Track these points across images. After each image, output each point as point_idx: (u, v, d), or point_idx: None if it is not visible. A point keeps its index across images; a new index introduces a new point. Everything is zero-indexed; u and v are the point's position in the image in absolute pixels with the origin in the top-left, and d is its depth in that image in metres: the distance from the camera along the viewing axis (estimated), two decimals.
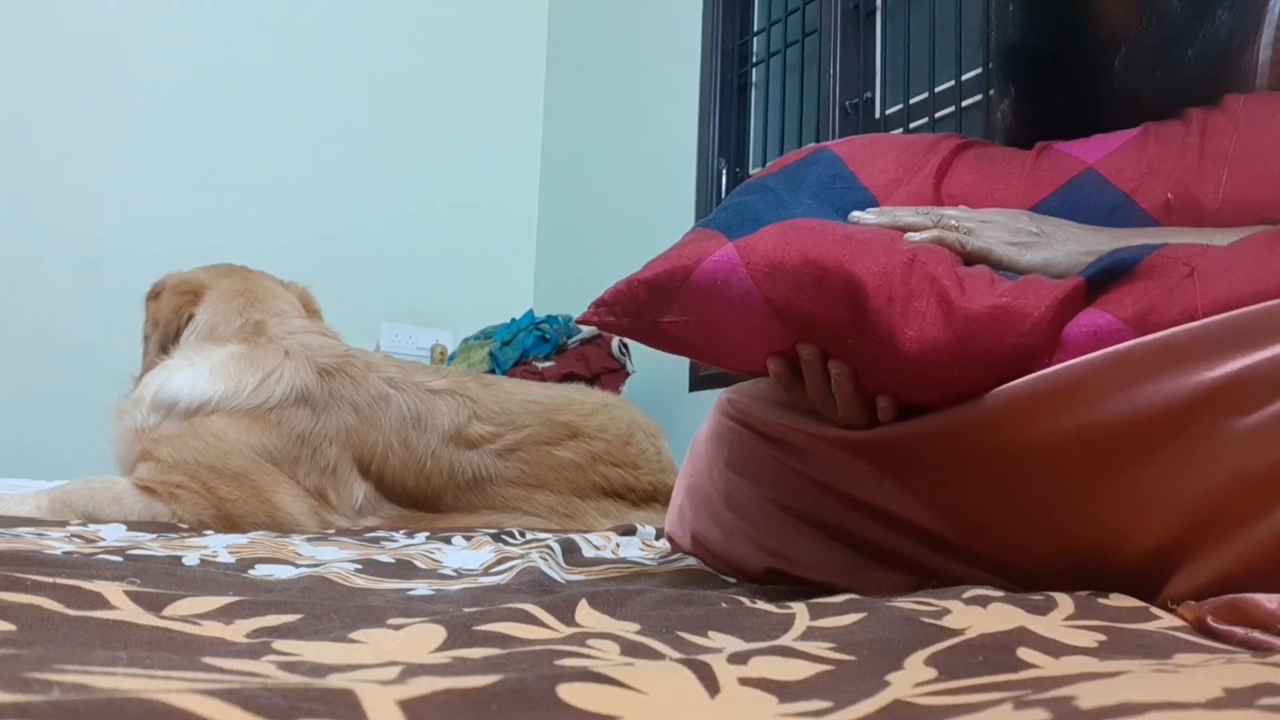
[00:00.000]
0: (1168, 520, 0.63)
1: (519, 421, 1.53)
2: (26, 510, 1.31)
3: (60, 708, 0.27)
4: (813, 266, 0.68)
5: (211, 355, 1.48)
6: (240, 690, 0.31)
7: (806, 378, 0.74)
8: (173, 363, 1.50)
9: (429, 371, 1.57)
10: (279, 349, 1.48)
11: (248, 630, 0.49)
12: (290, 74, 3.22)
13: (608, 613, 0.58)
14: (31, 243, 2.81)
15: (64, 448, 2.57)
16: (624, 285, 0.77)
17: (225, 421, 1.39)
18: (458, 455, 1.48)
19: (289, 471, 1.40)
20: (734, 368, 0.79)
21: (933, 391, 0.70)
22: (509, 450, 1.51)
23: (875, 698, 0.40)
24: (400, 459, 1.46)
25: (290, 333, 1.53)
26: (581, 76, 3.56)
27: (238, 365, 1.45)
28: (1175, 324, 0.64)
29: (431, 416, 1.49)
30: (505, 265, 3.58)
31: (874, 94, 2.47)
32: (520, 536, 1.31)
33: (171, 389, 1.44)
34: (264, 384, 1.43)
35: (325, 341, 1.54)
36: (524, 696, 0.35)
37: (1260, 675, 0.38)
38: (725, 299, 0.70)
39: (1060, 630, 0.52)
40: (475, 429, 1.51)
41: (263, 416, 1.40)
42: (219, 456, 1.36)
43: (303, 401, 1.43)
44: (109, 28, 2.95)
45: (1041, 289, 0.68)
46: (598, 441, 1.57)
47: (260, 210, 3.11)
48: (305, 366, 1.46)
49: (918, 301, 0.67)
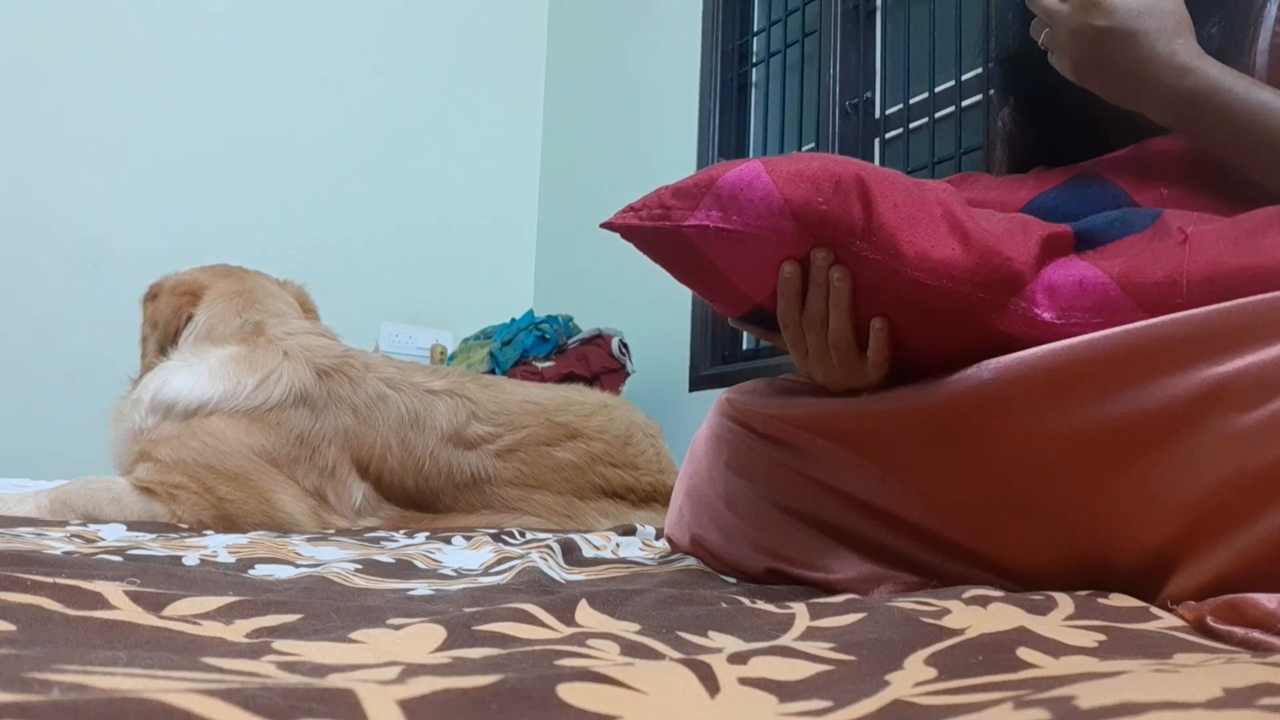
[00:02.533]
0: (1170, 519, 0.63)
1: (518, 422, 1.53)
2: (26, 510, 1.31)
3: (60, 707, 0.27)
4: (831, 174, 0.72)
5: (210, 356, 1.48)
6: (240, 690, 0.31)
7: (811, 293, 0.76)
8: (171, 364, 1.50)
9: (427, 372, 1.57)
10: (278, 350, 1.48)
11: (248, 630, 0.49)
12: (291, 76, 3.22)
13: (608, 613, 0.58)
14: (31, 244, 2.81)
15: (63, 448, 2.57)
16: (653, 194, 0.79)
17: (224, 422, 1.39)
18: (456, 456, 1.48)
19: (288, 472, 1.39)
20: (741, 290, 0.80)
21: (924, 319, 0.73)
22: (508, 451, 1.51)
23: (875, 697, 0.40)
24: (399, 459, 1.46)
25: (290, 333, 1.52)
26: (581, 76, 3.56)
27: (236, 366, 1.45)
28: (1161, 285, 0.67)
29: (430, 417, 1.49)
30: (505, 265, 3.58)
31: (874, 94, 2.47)
32: (520, 536, 1.31)
33: (170, 390, 1.43)
34: (263, 385, 1.42)
35: (324, 342, 1.54)
36: (524, 696, 0.35)
37: (1260, 675, 0.38)
38: (748, 200, 0.73)
39: (1060, 630, 0.52)
40: (474, 429, 1.51)
41: (261, 417, 1.40)
42: (218, 457, 1.36)
43: (301, 402, 1.43)
44: (109, 31, 2.95)
45: (1032, 229, 0.72)
46: (597, 442, 1.56)
47: (261, 212, 3.11)
48: (304, 367, 1.46)
49: (922, 214, 0.72)
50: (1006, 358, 0.70)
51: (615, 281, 3.17)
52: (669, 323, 2.86)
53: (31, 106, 2.84)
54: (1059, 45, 0.85)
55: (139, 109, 2.97)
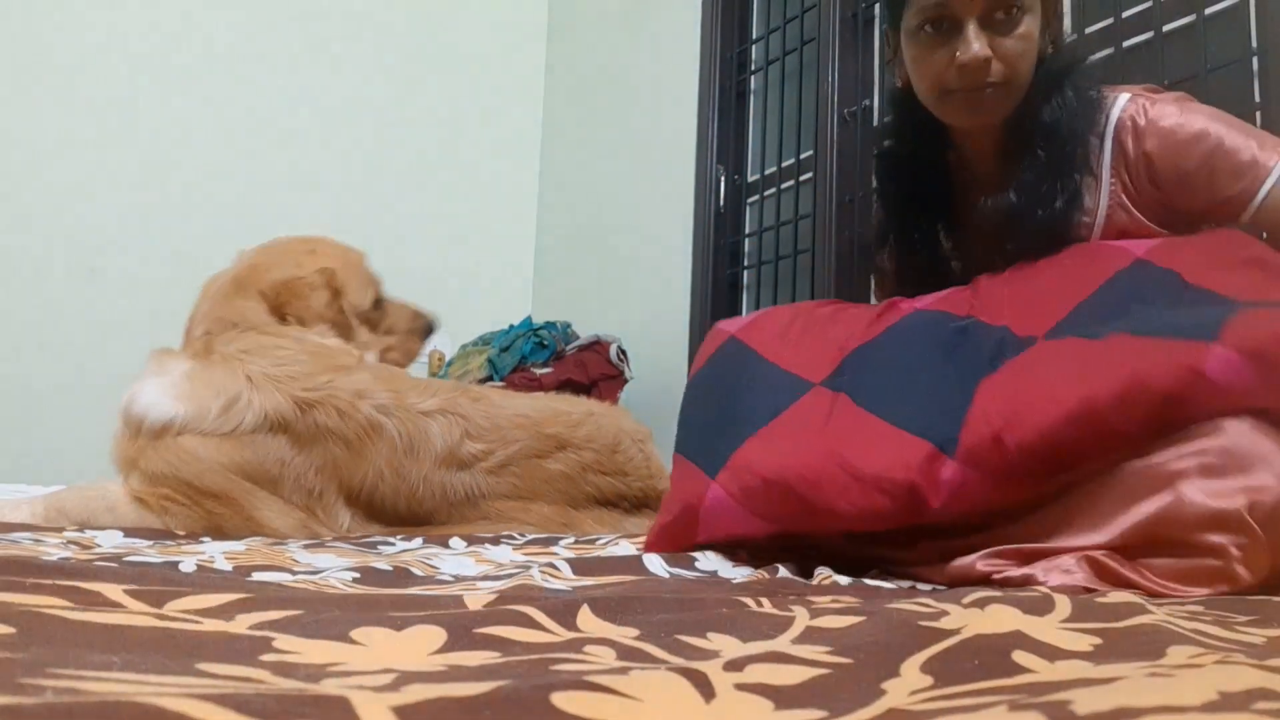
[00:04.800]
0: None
1: (509, 436, 1.49)
2: (21, 517, 1.30)
3: (54, 710, 0.27)
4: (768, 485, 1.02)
5: (174, 368, 1.41)
6: (234, 695, 0.31)
7: None
8: (148, 367, 1.44)
9: (419, 389, 1.50)
10: (237, 372, 1.38)
11: (250, 624, 0.49)
12: (289, 82, 3.22)
13: (608, 618, 0.58)
14: (29, 248, 2.81)
15: (63, 453, 2.57)
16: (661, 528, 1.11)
17: (196, 441, 1.34)
18: (450, 477, 1.44)
19: (270, 489, 1.35)
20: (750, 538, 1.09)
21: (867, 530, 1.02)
22: (500, 466, 1.47)
23: (871, 706, 0.40)
24: (391, 486, 1.41)
25: (245, 351, 1.42)
26: (580, 82, 3.57)
27: (192, 385, 1.37)
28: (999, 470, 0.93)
29: (424, 441, 1.43)
30: (504, 272, 3.58)
31: (872, 102, 2.47)
32: (520, 537, 1.31)
33: (140, 405, 1.38)
34: (231, 410, 1.35)
35: (299, 369, 1.41)
36: (518, 704, 0.35)
37: (1255, 679, 0.38)
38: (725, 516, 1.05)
39: (1056, 634, 0.52)
40: (467, 448, 1.46)
41: (236, 439, 1.34)
42: (195, 475, 1.33)
43: (280, 429, 1.37)
44: (109, 34, 2.96)
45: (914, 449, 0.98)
46: (586, 452, 1.53)
47: (258, 217, 3.11)
48: (277, 396, 1.37)
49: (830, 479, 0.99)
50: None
51: (613, 288, 3.18)
52: (667, 329, 2.86)
53: (32, 109, 2.85)
54: None
55: (140, 111, 2.98)
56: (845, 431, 1.02)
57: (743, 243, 2.82)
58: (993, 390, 0.96)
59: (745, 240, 2.82)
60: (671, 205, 2.94)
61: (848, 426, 1.02)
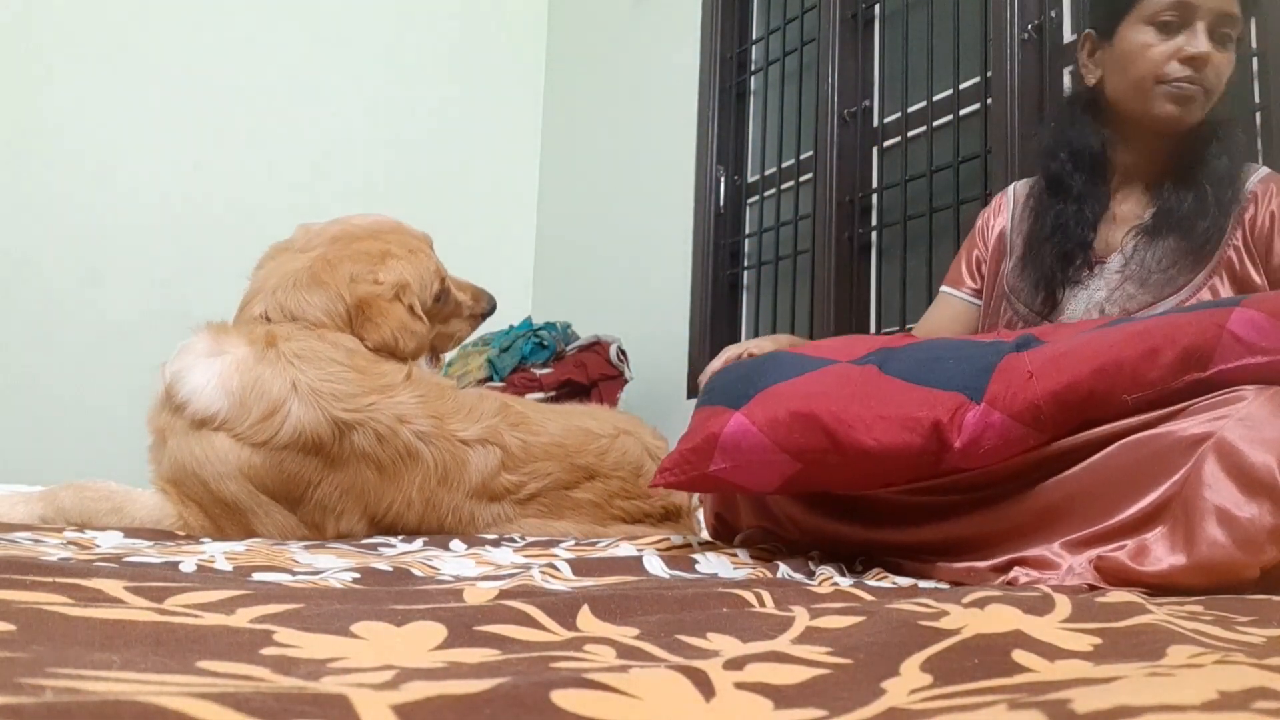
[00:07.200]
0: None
1: (541, 470, 1.45)
2: (18, 516, 1.29)
3: (53, 710, 0.27)
4: (794, 416, 1.02)
5: (230, 351, 1.35)
6: (234, 693, 0.31)
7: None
8: (198, 346, 1.37)
9: (463, 413, 1.43)
10: (285, 377, 1.32)
11: (251, 617, 0.49)
12: (290, 83, 3.22)
13: (608, 618, 0.58)
14: (30, 249, 2.81)
15: (63, 454, 2.57)
16: (676, 454, 1.10)
17: (228, 444, 1.30)
18: (480, 508, 1.40)
19: (287, 506, 1.33)
20: (762, 491, 1.14)
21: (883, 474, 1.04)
22: (529, 498, 1.42)
23: (871, 705, 0.40)
24: (419, 514, 1.37)
25: (299, 356, 1.35)
26: (580, 83, 3.57)
27: (241, 380, 1.32)
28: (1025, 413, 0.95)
29: (460, 471, 1.38)
30: (503, 272, 3.58)
31: (872, 102, 2.47)
32: (520, 540, 1.31)
33: (186, 388, 1.33)
34: (270, 419, 1.31)
35: (344, 388, 1.35)
36: (518, 702, 0.35)
37: (1255, 679, 0.38)
38: (745, 446, 1.04)
39: (1056, 633, 0.52)
40: (502, 481, 1.42)
41: (267, 453, 1.30)
42: (214, 478, 1.30)
43: (313, 451, 1.32)
44: (109, 37, 2.96)
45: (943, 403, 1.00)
46: (613, 480, 1.49)
47: (259, 218, 3.11)
48: (316, 413, 1.32)
49: (869, 414, 1.00)
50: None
51: (613, 288, 3.17)
52: (667, 329, 2.86)
53: (32, 112, 2.85)
54: None
55: (139, 112, 2.98)
56: (874, 387, 1.05)
57: (743, 243, 2.82)
58: (1021, 359, 1.01)
59: (745, 240, 2.82)
60: (671, 205, 2.94)
61: (877, 386, 1.05)
